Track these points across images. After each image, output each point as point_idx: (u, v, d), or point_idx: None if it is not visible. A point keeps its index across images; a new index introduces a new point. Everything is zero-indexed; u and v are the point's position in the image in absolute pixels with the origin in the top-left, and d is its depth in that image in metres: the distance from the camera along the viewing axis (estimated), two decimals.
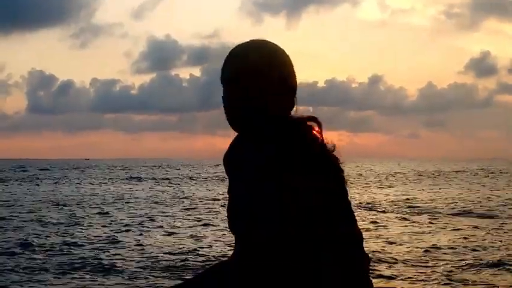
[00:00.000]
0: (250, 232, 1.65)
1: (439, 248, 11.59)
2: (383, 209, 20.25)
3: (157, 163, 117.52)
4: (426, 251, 11.28)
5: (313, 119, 1.77)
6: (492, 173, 56.39)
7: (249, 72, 1.74)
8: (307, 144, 1.69)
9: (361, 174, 54.00)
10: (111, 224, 16.23)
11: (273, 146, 1.66)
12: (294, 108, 1.80)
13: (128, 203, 23.65)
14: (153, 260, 10.52)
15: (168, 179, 46.43)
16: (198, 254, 11.10)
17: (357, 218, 1.73)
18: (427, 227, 15.34)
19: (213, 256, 10.81)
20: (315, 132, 1.74)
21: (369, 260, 1.74)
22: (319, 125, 1.75)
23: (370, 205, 21.65)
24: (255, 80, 1.74)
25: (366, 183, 38.19)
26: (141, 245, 12.29)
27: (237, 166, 1.74)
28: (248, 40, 1.83)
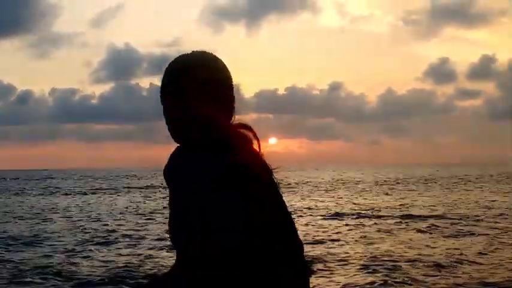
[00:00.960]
0: (205, 244, 1.63)
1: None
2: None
3: (119, 173, 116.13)
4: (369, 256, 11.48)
5: (249, 128, 1.78)
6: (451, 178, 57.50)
7: (195, 83, 1.73)
8: (257, 154, 1.72)
9: (306, 182, 54.29)
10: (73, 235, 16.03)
11: (228, 155, 1.66)
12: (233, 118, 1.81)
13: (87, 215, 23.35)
14: (111, 272, 10.41)
15: (133, 188, 45.96)
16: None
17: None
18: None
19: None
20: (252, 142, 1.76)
21: (309, 271, 1.75)
22: (254, 135, 1.77)
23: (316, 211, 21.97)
24: (201, 90, 1.73)
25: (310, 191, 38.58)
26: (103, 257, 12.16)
27: (184, 177, 1.73)
28: (189, 52, 1.82)
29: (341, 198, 30.43)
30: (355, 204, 25.85)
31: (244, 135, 1.75)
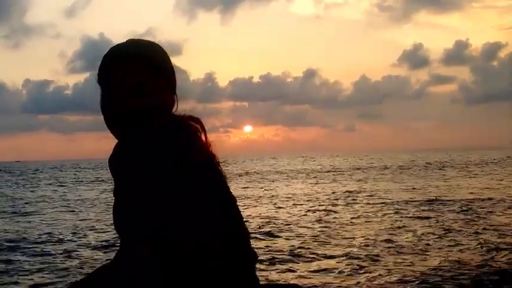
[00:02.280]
0: (119, 226, 1.62)
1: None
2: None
3: (94, 164, 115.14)
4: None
5: (195, 119, 1.71)
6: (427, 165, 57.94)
7: (139, 69, 1.66)
8: (195, 140, 1.64)
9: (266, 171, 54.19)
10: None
11: (150, 133, 1.61)
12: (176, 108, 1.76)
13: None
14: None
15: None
16: None
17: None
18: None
19: None
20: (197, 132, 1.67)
21: (250, 261, 1.66)
22: (202, 126, 1.70)
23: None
24: (144, 77, 1.66)
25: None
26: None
27: (128, 166, 1.60)
28: (128, 39, 1.77)
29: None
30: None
31: (188, 125, 1.66)
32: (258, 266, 1.76)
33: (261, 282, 1.71)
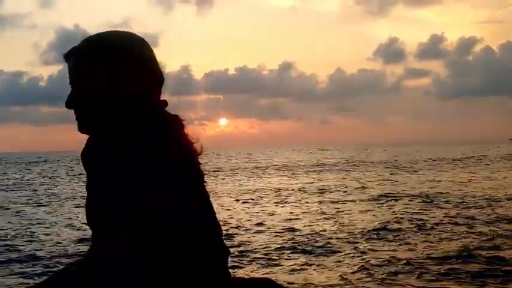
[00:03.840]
0: (89, 216, 1.61)
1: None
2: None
3: (68, 155, 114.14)
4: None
5: (176, 117, 1.68)
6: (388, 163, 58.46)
7: (119, 59, 1.64)
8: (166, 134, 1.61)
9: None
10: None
11: (125, 123, 1.59)
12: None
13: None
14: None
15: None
16: None
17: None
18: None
19: None
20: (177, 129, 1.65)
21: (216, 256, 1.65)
22: (182, 125, 1.68)
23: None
24: (125, 69, 1.64)
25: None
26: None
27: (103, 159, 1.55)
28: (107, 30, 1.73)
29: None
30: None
31: (171, 117, 1.67)
32: None
33: None
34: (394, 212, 14.92)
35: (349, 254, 9.57)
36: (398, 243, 10.45)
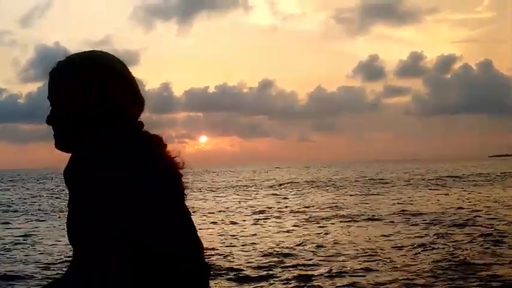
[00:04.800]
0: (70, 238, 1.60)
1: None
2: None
3: (46, 173, 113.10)
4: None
5: (158, 137, 1.69)
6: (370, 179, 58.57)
7: (100, 76, 1.64)
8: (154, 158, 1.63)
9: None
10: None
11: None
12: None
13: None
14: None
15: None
16: None
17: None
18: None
19: None
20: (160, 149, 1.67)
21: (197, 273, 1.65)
22: (163, 142, 1.69)
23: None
24: (115, 80, 1.66)
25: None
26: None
27: (84, 176, 1.57)
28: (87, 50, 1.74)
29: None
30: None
31: (154, 135, 1.69)
32: None
33: None
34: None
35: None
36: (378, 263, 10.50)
